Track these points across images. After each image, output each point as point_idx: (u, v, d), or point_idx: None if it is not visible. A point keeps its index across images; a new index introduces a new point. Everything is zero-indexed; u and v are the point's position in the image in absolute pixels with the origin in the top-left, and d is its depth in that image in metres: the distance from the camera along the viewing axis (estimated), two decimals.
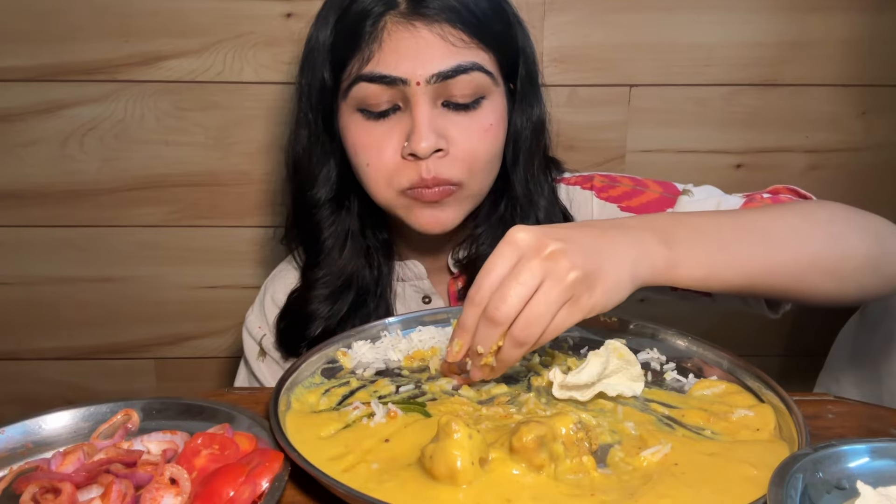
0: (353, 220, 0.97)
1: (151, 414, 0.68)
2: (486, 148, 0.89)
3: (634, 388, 0.70)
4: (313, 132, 0.94)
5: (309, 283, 0.98)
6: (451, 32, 0.85)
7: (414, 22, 0.84)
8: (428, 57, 0.84)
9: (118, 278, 1.32)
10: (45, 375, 1.37)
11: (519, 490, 0.56)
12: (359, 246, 0.97)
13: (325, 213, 0.96)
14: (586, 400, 0.69)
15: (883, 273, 0.78)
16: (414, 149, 0.84)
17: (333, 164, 0.95)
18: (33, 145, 1.26)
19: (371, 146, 0.88)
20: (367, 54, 0.85)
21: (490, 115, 0.89)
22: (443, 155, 0.86)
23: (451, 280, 1.00)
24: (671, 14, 1.23)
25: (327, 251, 0.96)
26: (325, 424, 0.66)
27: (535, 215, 0.95)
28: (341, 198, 0.96)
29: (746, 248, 0.72)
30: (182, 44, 1.21)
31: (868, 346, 1.10)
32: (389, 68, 0.84)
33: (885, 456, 0.57)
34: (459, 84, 0.85)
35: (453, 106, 0.87)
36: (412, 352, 0.80)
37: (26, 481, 0.58)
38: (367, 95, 0.86)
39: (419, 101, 0.84)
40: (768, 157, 1.31)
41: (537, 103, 0.96)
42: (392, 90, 0.85)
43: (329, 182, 0.95)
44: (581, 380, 0.68)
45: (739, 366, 0.73)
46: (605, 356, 0.69)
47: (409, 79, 0.84)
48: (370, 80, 0.85)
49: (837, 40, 1.25)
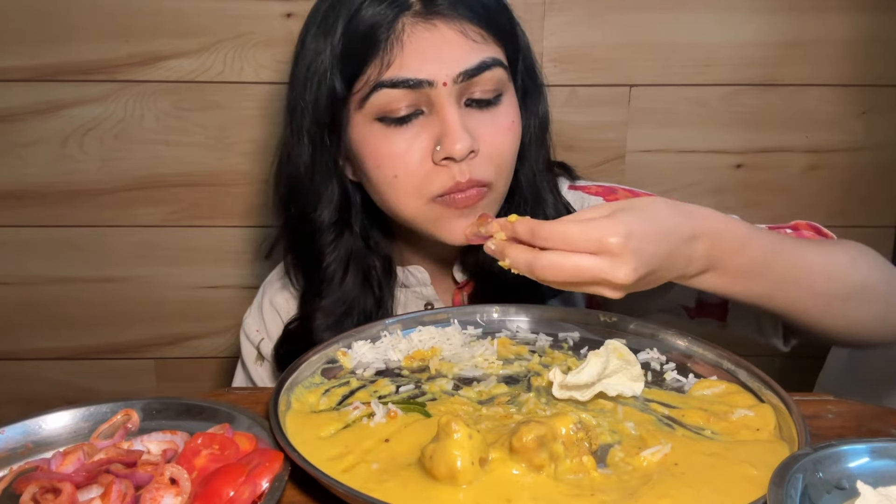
0: (356, 240, 0.93)
1: (151, 414, 0.68)
2: (511, 145, 0.86)
3: (634, 388, 0.70)
4: (317, 149, 0.88)
5: (309, 312, 0.93)
6: (470, 28, 0.82)
7: (433, 21, 0.81)
8: (452, 56, 0.81)
9: (118, 278, 1.32)
10: (45, 375, 1.37)
11: (519, 490, 0.56)
12: (360, 269, 0.93)
13: (327, 239, 0.91)
14: (586, 400, 0.69)
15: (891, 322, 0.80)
16: (449, 151, 0.80)
17: (336, 182, 0.90)
18: (33, 145, 1.26)
19: (397, 155, 0.83)
20: (388, 59, 0.80)
21: (510, 110, 0.86)
22: (474, 156, 0.82)
23: (456, 290, 0.98)
24: (671, 14, 1.23)
25: (329, 279, 0.92)
26: (325, 424, 0.66)
27: (543, 212, 0.94)
28: (345, 218, 0.92)
29: (779, 286, 0.74)
30: (182, 44, 1.21)
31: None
32: (413, 71, 0.80)
33: (885, 456, 0.57)
34: (483, 81, 0.82)
35: (476, 104, 0.84)
36: (412, 352, 0.79)
37: (26, 481, 0.58)
38: (388, 102, 0.81)
39: (446, 102, 0.81)
40: (768, 157, 1.31)
41: (542, 100, 0.94)
42: (415, 94, 0.81)
43: (332, 203, 0.90)
44: (581, 380, 0.68)
45: (739, 366, 0.73)
46: (605, 356, 0.69)
47: (434, 80, 0.80)
48: (393, 86, 0.80)
49: (837, 40, 1.25)
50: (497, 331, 0.84)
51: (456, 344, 0.81)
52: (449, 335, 0.82)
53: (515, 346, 0.80)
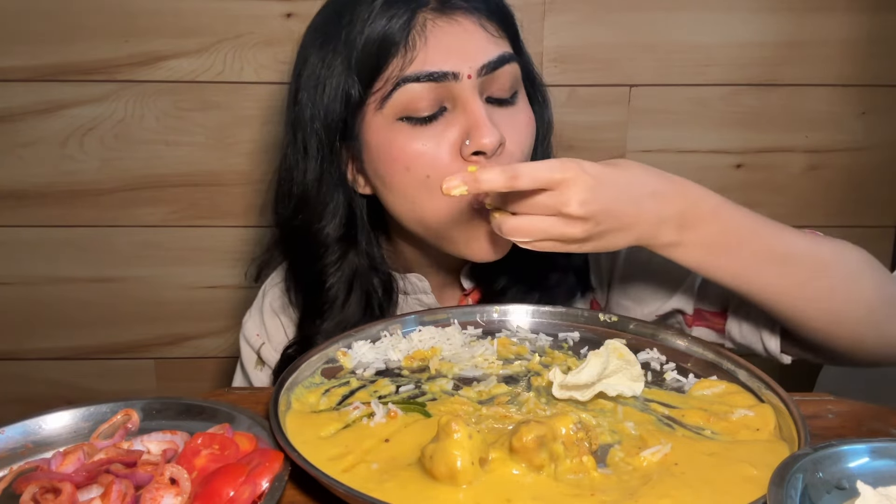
0: (360, 258, 0.90)
1: (151, 414, 0.68)
2: (530, 142, 0.86)
3: (634, 388, 0.70)
4: (325, 161, 0.85)
5: (308, 335, 0.91)
6: (488, 23, 0.82)
7: (453, 16, 0.81)
8: (474, 49, 0.80)
9: (118, 278, 1.32)
10: (45, 375, 1.37)
11: (519, 490, 0.56)
12: (362, 290, 0.90)
13: (332, 258, 0.88)
14: (586, 400, 0.69)
15: (882, 331, 0.78)
16: (480, 145, 0.78)
17: (342, 195, 0.87)
18: (33, 145, 1.26)
19: (426, 154, 0.80)
20: (411, 55, 0.79)
21: (526, 108, 0.86)
22: (502, 150, 0.81)
23: (462, 297, 0.97)
24: (671, 14, 1.23)
25: (331, 301, 0.89)
26: (325, 424, 0.66)
27: None
28: (350, 234, 0.89)
29: (755, 266, 0.73)
30: (182, 44, 1.21)
31: None
32: (437, 64, 0.79)
33: (885, 456, 0.57)
34: (502, 76, 0.82)
35: (496, 101, 0.83)
36: (412, 352, 0.79)
37: (26, 481, 0.58)
38: (412, 98, 0.80)
39: (471, 96, 0.80)
40: (768, 157, 1.31)
41: (546, 107, 0.94)
42: (439, 89, 0.80)
43: (338, 216, 0.87)
44: (581, 380, 0.68)
45: (739, 366, 0.73)
46: (605, 356, 0.69)
47: (460, 72, 0.79)
48: (417, 80, 0.79)
49: (837, 40, 1.25)
50: (497, 331, 0.84)
51: (456, 344, 0.81)
52: (449, 335, 0.82)
53: (516, 347, 0.80)
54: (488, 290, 0.94)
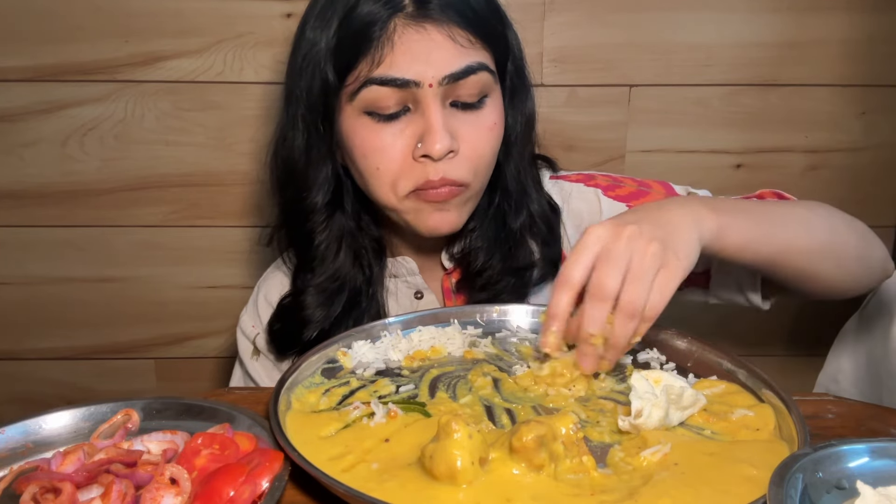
0: (348, 220, 0.96)
1: (151, 414, 0.68)
2: (491, 146, 0.90)
3: (697, 404, 0.67)
4: (311, 134, 0.91)
5: (301, 287, 0.96)
6: (458, 33, 0.85)
7: (423, 24, 0.84)
8: (439, 58, 0.84)
9: (118, 278, 1.32)
10: (45, 375, 1.37)
11: (519, 490, 0.56)
12: (351, 248, 0.96)
13: (319, 219, 0.94)
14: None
15: (867, 263, 0.88)
16: (429, 150, 0.84)
17: (329, 166, 0.93)
18: (33, 145, 1.26)
19: (381, 149, 0.87)
20: (378, 57, 0.83)
21: (493, 113, 0.89)
22: (453, 156, 0.86)
23: (444, 276, 1.00)
24: (671, 14, 1.23)
25: (320, 256, 0.95)
26: (325, 424, 0.66)
27: (527, 207, 0.97)
28: (337, 200, 0.95)
29: (775, 228, 0.79)
30: (182, 44, 1.21)
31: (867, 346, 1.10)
32: (401, 71, 0.83)
33: (885, 456, 0.57)
34: (468, 84, 0.86)
35: (461, 105, 0.87)
36: (412, 352, 0.80)
37: (26, 481, 0.58)
38: (376, 98, 0.85)
39: (431, 103, 0.84)
40: (768, 157, 1.31)
41: (528, 98, 0.97)
42: (402, 92, 0.84)
43: (326, 185, 0.93)
44: (650, 425, 0.64)
45: (739, 366, 0.73)
46: (663, 401, 0.65)
47: (421, 81, 0.83)
48: (381, 83, 0.84)
49: (837, 40, 1.25)
50: (497, 330, 0.84)
51: (456, 344, 0.81)
52: (449, 335, 0.82)
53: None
54: (466, 270, 0.98)
